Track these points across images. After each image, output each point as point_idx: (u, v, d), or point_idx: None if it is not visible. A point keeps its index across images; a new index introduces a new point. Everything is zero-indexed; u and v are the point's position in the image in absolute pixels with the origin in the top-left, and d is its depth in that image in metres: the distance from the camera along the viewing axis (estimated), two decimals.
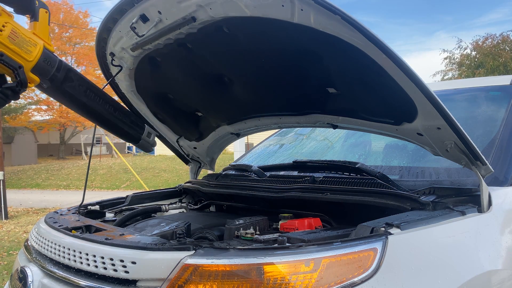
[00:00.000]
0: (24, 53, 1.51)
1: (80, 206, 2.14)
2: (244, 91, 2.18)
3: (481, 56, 16.67)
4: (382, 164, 2.39)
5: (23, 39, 1.50)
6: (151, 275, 1.23)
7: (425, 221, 1.38)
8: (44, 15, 1.57)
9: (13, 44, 1.47)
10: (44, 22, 1.58)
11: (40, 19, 1.57)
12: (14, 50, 1.48)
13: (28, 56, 1.53)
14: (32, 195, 13.54)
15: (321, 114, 2.07)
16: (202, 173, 2.90)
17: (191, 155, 2.80)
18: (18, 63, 1.51)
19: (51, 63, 1.62)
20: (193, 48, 1.91)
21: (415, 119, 1.63)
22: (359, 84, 1.72)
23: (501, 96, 2.30)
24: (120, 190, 14.34)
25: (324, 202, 1.80)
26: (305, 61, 1.74)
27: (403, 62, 1.36)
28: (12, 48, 1.47)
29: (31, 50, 1.53)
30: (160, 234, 1.66)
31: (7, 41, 1.45)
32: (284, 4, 1.42)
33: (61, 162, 24.23)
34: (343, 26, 1.36)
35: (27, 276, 1.60)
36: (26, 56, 1.52)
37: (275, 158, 2.93)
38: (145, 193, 2.53)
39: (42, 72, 1.60)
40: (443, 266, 1.32)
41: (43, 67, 1.59)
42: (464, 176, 1.79)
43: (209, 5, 1.60)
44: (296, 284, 1.12)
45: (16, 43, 1.48)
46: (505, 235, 1.58)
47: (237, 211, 2.33)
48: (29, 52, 1.53)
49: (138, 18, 1.77)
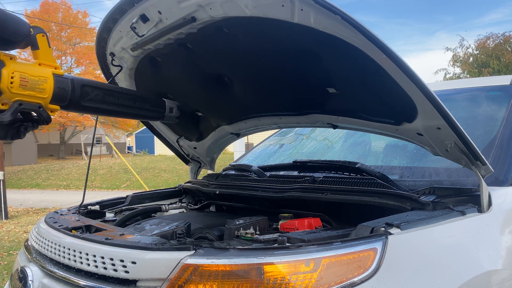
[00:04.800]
0: (39, 93, 1.52)
1: (80, 206, 2.14)
2: (244, 91, 2.18)
3: (484, 56, 16.73)
4: (382, 164, 2.39)
5: (33, 80, 1.50)
6: (151, 275, 1.23)
7: (425, 221, 1.38)
8: (42, 39, 1.55)
9: (26, 90, 1.48)
10: (44, 47, 1.56)
11: (40, 46, 1.55)
12: (29, 95, 1.50)
13: (43, 94, 1.54)
14: (32, 195, 13.54)
15: (321, 114, 2.07)
16: (202, 173, 2.90)
17: (191, 155, 2.80)
18: (36, 104, 1.53)
19: (64, 88, 1.63)
20: (193, 48, 1.91)
21: (415, 119, 1.63)
22: (359, 84, 1.72)
23: (501, 96, 2.30)
24: (120, 190, 14.34)
25: (324, 202, 1.80)
26: (305, 61, 1.74)
27: (403, 62, 1.36)
28: (27, 94, 1.49)
29: (44, 87, 1.54)
30: (160, 234, 1.66)
31: (20, 89, 1.46)
32: (284, 4, 1.42)
33: (61, 162, 24.24)
34: (343, 26, 1.36)
35: (27, 276, 1.60)
36: (41, 95, 1.54)
37: (275, 158, 2.93)
38: (145, 193, 2.53)
39: (59, 99, 1.62)
40: (443, 266, 1.32)
41: (59, 96, 1.61)
42: (464, 176, 1.78)
43: (209, 5, 1.60)
44: (296, 284, 1.12)
45: (28, 88, 1.48)
46: (505, 235, 1.58)
47: (237, 211, 2.33)
48: (43, 90, 1.54)
49: (138, 18, 1.77)
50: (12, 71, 1.43)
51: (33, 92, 1.50)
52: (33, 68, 1.52)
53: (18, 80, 1.45)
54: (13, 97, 1.46)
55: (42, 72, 1.54)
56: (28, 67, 1.51)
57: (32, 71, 1.51)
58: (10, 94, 1.44)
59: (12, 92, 1.44)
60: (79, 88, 1.69)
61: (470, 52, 17.59)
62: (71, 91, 1.65)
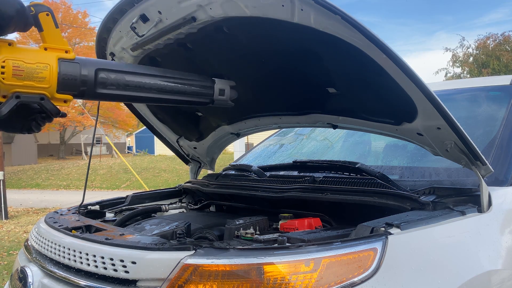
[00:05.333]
0: (38, 83, 1.32)
1: (80, 206, 2.14)
2: (244, 91, 2.18)
3: (484, 56, 16.77)
4: (382, 164, 2.39)
5: (30, 69, 1.30)
6: (151, 275, 1.23)
7: (425, 221, 1.38)
8: (46, 19, 1.33)
9: (22, 80, 1.29)
10: (50, 27, 1.35)
11: (44, 27, 1.34)
12: (27, 85, 1.30)
13: (43, 83, 1.33)
14: (32, 195, 13.54)
15: (321, 114, 2.07)
16: (202, 173, 2.90)
17: (191, 155, 2.80)
18: (37, 95, 1.33)
19: (72, 75, 1.40)
20: (193, 48, 1.91)
21: (415, 119, 1.63)
22: (359, 84, 1.72)
23: (501, 96, 2.30)
24: (120, 190, 14.34)
25: (324, 202, 1.81)
26: (305, 61, 1.74)
27: (403, 62, 1.36)
28: (24, 85, 1.30)
29: (44, 76, 1.32)
30: (160, 234, 1.66)
31: (15, 80, 1.28)
32: (284, 4, 1.42)
33: (61, 162, 24.24)
34: (343, 26, 1.36)
35: (27, 276, 1.60)
36: (42, 84, 1.33)
37: (275, 158, 2.93)
38: (145, 193, 2.53)
39: (68, 88, 1.40)
40: (443, 266, 1.32)
41: (66, 84, 1.39)
42: (464, 176, 1.78)
43: (209, 5, 1.60)
44: (296, 284, 1.12)
45: (24, 78, 1.29)
46: (505, 235, 1.58)
47: (237, 211, 2.33)
48: (42, 79, 1.32)
49: (138, 18, 1.77)
50: (3, 60, 1.25)
51: (31, 82, 1.30)
52: (31, 54, 1.32)
53: (10, 69, 1.25)
54: (10, 89, 1.28)
55: (43, 58, 1.34)
56: (26, 53, 1.31)
57: (30, 58, 1.30)
58: (3, 86, 1.27)
59: (5, 83, 1.26)
60: (92, 73, 1.45)
61: (470, 52, 17.63)
62: (82, 77, 1.42)
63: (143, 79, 1.63)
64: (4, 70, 1.25)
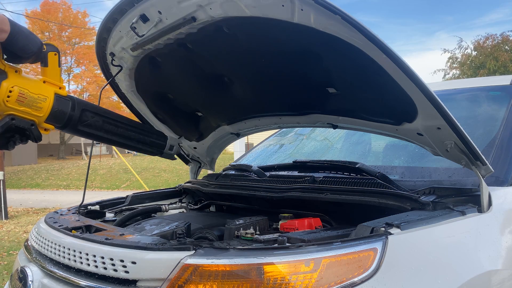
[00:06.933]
0: (34, 111, 1.48)
1: (80, 206, 2.14)
2: (244, 91, 2.18)
3: (482, 57, 16.76)
4: (382, 164, 2.39)
5: (32, 98, 1.46)
6: (151, 275, 1.23)
7: (425, 221, 1.38)
8: (53, 58, 1.51)
9: (22, 106, 1.44)
10: (54, 65, 1.52)
11: (49, 64, 1.51)
12: (24, 111, 1.45)
13: (38, 112, 1.50)
14: (32, 195, 13.54)
15: (321, 114, 2.07)
16: (202, 173, 2.90)
17: (191, 155, 2.80)
18: (29, 121, 1.48)
19: (63, 110, 1.58)
20: (193, 48, 1.91)
21: (415, 119, 1.63)
22: (359, 84, 1.72)
23: (501, 96, 2.30)
24: (120, 190, 14.34)
25: (324, 202, 1.80)
26: (305, 61, 1.74)
27: (403, 62, 1.36)
28: (21, 110, 1.45)
29: (41, 106, 1.49)
30: (160, 234, 1.66)
31: (16, 104, 1.42)
32: (284, 4, 1.42)
33: (61, 162, 24.25)
34: (343, 26, 1.36)
35: (27, 276, 1.60)
36: (37, 113, 1.49)
37: (275, 158, 2.93)
38: (145, 193, 2.53)
39: (55, 120, 1.58)
40: (443, 266, 1.32)
41: (56, 116, 1.56)
42: (464, 176, 1.78)
43: (209, 5, 1.60)
44: (296, 284, 1.12)
45: (25, 104, 1.45)
46: (505, 235, 1.58)
47: (237, 211, 2.33)
48: (39, 108, 1.49)
49: (138, 18, 1.77)
50: (12, 85, 1.40)
51: (29, 109, 1.46)
52: (35, 85, 1.48)
53: (16, 95, 1.41)
54: (6, 111, 1.42)
55: (44, 90, 1.51)
56: (31, 83, 1.47)
57: (33, 88, 1.47)
58: (4, 107, 1.41)
59: (6, 106, 1.41)
60: (78, 112, 1.65)
61: (469, 53, 17.63)
62: (70, 114, 1.61)
63: (116, 125, 1.85)
64: (11, 94, 1.41)
